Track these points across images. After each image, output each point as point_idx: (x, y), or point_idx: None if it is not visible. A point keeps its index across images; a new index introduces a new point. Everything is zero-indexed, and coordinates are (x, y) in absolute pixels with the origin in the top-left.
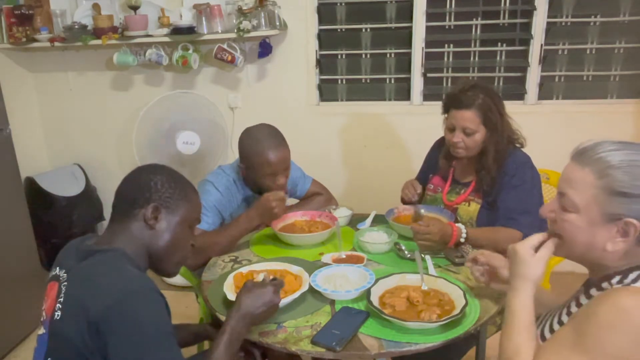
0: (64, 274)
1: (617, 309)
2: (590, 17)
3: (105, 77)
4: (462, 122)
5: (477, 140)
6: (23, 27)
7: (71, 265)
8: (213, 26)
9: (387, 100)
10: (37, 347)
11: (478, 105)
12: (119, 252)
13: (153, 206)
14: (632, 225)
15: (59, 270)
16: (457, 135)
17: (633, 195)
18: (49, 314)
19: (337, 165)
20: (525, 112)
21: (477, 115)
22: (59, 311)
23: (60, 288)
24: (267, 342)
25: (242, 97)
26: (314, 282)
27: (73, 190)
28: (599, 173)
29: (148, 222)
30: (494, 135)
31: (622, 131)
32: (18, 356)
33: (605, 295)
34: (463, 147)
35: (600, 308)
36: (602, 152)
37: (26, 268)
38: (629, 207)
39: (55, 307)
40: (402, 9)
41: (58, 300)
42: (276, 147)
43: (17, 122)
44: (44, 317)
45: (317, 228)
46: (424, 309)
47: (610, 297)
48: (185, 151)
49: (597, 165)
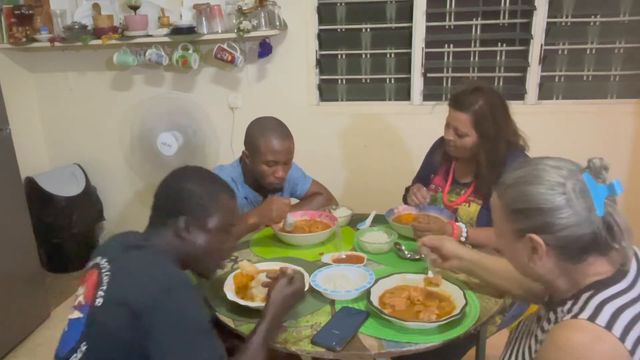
0: (106, 263)
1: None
2: (590, 17)
3: (105, 77)
4: (455, 123)
5: (468, 143)
6: (23, 27)
7: (114, 256)
8: (213, 26)
9: (387, 100)
10: (68, 330)
11: (473, 110)
12: (160, 250)
13: (184, 219)
14: (535, 240)
15: (100, 259)
16: (449, 133)
17: (527, 210)
18: (89, 300)
19: (337, 165)
20: (525, 112)
21: (470, 120)
22: (101, 298)
23: (101, 276)
24: None
25: (242, 97)
26: (314, 282)
27: (73, 190)
28: (499, 195)
29: (180, 233)
30: (485, 142)
31: (622, 131)
32: (18, 356)
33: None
34: (453, 145)
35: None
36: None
37: (26, 268)
38: (527, 222)
39: (97, 294)
40: (402, 9)
41: (100, 288)
42: (282, 137)
43: (17, 122)
44: (80, 302)
45: (317, 228)
46: (424, 309)
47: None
48: (165, 152)
49: (498, 188)
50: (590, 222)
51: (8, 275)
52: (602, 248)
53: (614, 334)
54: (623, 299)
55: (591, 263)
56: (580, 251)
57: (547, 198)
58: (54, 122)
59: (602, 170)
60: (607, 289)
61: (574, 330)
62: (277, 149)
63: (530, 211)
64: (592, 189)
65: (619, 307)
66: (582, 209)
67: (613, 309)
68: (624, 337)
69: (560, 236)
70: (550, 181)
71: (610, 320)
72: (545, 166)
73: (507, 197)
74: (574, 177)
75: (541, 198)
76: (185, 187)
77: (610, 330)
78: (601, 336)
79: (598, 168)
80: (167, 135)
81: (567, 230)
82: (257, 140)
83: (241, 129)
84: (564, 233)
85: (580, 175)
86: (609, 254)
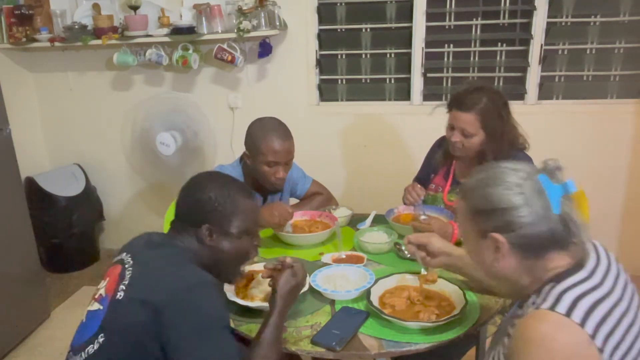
0: (130, 259)
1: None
2: (590, 17)
3: (105, 77)
4: (461, 124)
5: (475, 143)
6: (23, 27)
7: (138, 252)
8: (213, 26)
9: (387, 100)
10: (85, 321)
11: (479, 109)
12: (184, 250)
13: (205, 227)
14: (497, 239)
15: (125, 255)
16: (456, 135)
17: (488, 210)
18: (111, 293)
19: (337, 165)
20: (525, 112)
21: (477, 119)
22: (122, 292)
23: (124, 271)
24: None
25: (242, 97)
26: (314, 282)
27: (73, 190)
28: (462, 198)
29: (204, 241)
30: (492, 140)
31: (622, 131)
32: (18, 356)
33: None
34: (460, 147)
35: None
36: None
37: (26, 268)
38: (489, 222)
39: (119, 288)
40: (402, 9)
41: (122, 282)
42: (283, 138)
43: (17, 122)
44: (102, 294)
45: (317, 228)
46: (424, 309)
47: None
48: (162, 152)
49: (461, 192)
50: (547, 219)
51: (8, 275)
52: (560, 243)
53: (573, 320)
54: (582, 287)
55: (551, 258)
56: (540, 247)
57: (506, 198)
58: (54, 122)
59: (556, 171)
60: (567, 279)
61: (536, 320)
62: (277, 150)
63: (492, 211)
64: (547, 189)
65: (578, 295)
66: (539, 207)
67: (573, 297)
68: (584, 322)
69: (520, 234)
70: (508, 182)
71: (570, 308)
72: (504, 169)
73: (470, 199)
74: (530, 178)
75: (501, 198)
76: (205, 196)
77: (570, 317)
78: (562, 323)
79: (552, 169)
80: (165, 135)
81: (527, 228)
82: (258, 141)
83: (241, 129)
84: (523, 231)
85: (537, 176)
86: (569, 248)
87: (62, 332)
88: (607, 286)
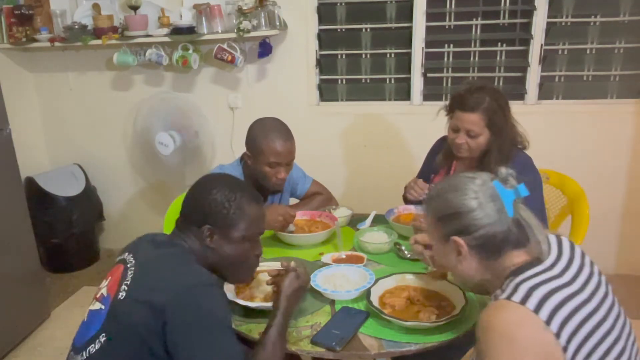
0: (132, 258)
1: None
2: (590, 17)
3: (105, 77)
4: (467, 125)
5: (481, 143)
6: (23, 27)
7: (141, 252)
8: (213, 26)
9: (387, 100)
10: (87, 320)
11: (484, 108)
12: (187, 250)
13: (207, 228)
14: (457, 242)
15: (127, 255)
16: (461, 137)
17: (448, 215)
18: (112, 292)
19: (337, 165)
20: (525, 112)
21: (482, 119)
22: (124, 292)
23: (126, 271)
24: None
25: (242, 97)
26: (314, 282)
27: (73, 190)
28: (427, 207)
29: (204, 241)
30: (498, 139)
31: (622, 131)
32: (18, 356)
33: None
34: (466, 148)
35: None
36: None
37: (26, 268)
38: (449, 227)
39: (120, 288)
40: (402, 9)
41: (124, 282)
42: (285, 139)
43: (17, 122)
44: (103, 294)
45: (317, 228)
46: (424, 309)
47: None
48: (161, 152)
49: (425, 202)
50: (501, 221)
51: (8, 275)
52: (515, 243)
53: (528, 307)
54: (538, 278)
55: (509, 256)
56: (497, 247)
57: (462, 203)
58: (54, 122)
59: (508, 177)
60: (523, 273)
61: (494, 310)
62: (280, 151)
63: (451, 216)
64: (501, 194)
65: (533, 284)
66: (493, 210)
67: (527, 287)
68: (538, 309)
69: (477, 235)
70: (465, 189)
71: (525, 297)
72: (463, 178)
73: (433, 206)
74: (485, 185)
75: (458, 203)
76: (210, 197)
77: (525, 305)
78: (517, 311)
79: (505, 175)
80: (163, 135)
81: (482, 230)
82: (260, 142)
83: (241, 129)
84: (479, 232)
85: (491, 182)
86: (526, 246)
87: (62, 332)
88: (568, 277)
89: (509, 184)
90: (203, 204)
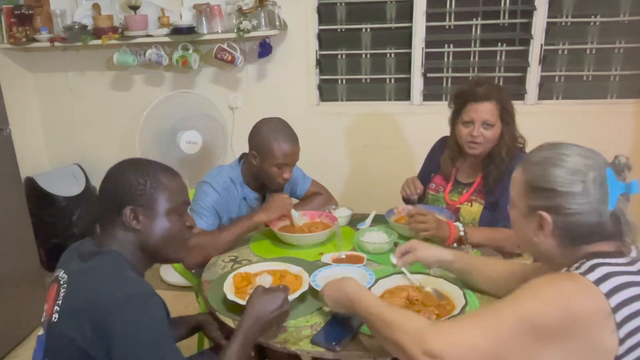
0: (64, 274)
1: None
2: (590, 17)
3: (105, 77)
4: (483, 115)
5: (495, 134)
6: (23, 27)
7: (72, 267)
8: (213, 26)
9: (387, 100)
10: (37, 347)
11: (497, 97)
12: (118, 255)
13: (130, 209)
14: (544, 219)
15: (60, 272)
16: (477, 129)
17: (545, 189)
18: (49, 315)
19: (337, 165)
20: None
21: (496, 107)
22: (57, 314)
23: (59, 289)
24: (267, 342)
25: (242, 97)
26: (314, 282)
27: (73, 190)
28: (524, 170)
29: (130, 225)
30: (509, 129)
31: (622, 131)
32: (18, 356)
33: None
34: (482, 141)
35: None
36: (531, 152)
37: (26, 268)
38: (541, 201)
39: (54, 309)
40: (402, 9)
41: (56, 303)
42: (292, 140)
43: (17, 122)
44: (44, 318)
45: (317, 228)
46: (423, 309)
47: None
48: (188, 151)
49: (523, 164)
50: (599, 213)
51: (8, 275)
52: (606, 236)
53: (600, 289)
54: (618, 267)
55: (593, 246)
56: (582, 237)
57: (565, 182)
58: (54, 122)
59: (624, 169)
60: (604, 258)
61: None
62: (289, 153)
63: (548, 191)
64: (610, 184)
65: (612, 271)
66: (596, 199)
67: (606, 271)
68: (610, 295)
69: (569, 220)
70: (573, 167)
71: (601, 278)
72: (572, 152)
73: (530, 173)
74: (597, 169)
75: (560, 181)
76: (123, 180)
77: (598, 286)
78: (588, 287)
79: (622, 166)
80: (192, 133)
81: (577, 216)
82: (269, 143)
83: (241, 129)
84: (573, 218)
85: (604, 169)
86: (616, 241)
87: None
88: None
89: (622, 175)
90: (117, 189)
